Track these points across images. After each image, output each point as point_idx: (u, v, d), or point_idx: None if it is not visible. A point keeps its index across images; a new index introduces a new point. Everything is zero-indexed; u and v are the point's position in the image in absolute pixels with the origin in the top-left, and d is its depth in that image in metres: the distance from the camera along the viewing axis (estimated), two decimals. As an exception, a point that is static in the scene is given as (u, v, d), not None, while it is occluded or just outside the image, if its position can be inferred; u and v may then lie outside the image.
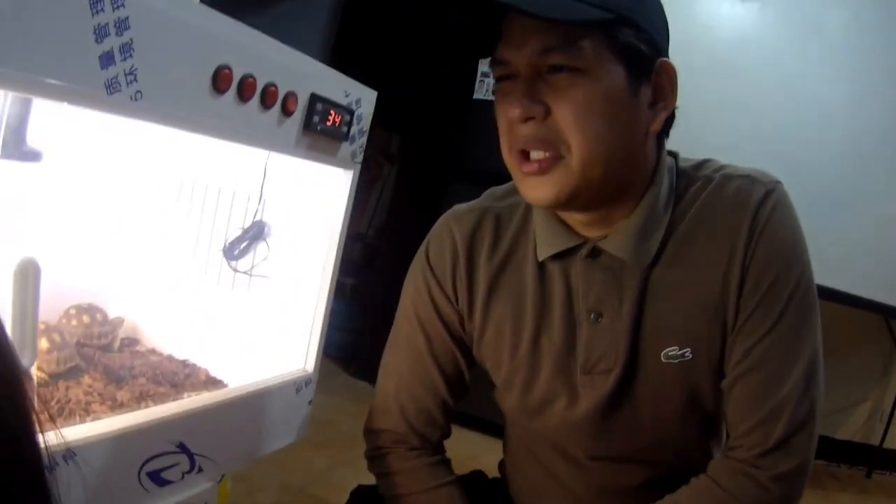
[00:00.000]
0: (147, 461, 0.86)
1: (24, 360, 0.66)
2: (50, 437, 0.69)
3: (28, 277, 0.65)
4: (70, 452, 0.72)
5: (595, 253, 0.83)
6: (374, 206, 3.75)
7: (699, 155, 0.88)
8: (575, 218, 0.83)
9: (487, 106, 2.94)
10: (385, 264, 3.33)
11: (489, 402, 0.99)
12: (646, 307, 0.82)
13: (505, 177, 0.84)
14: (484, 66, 2.68)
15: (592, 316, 0.84)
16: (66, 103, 0.67)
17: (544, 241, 0.85)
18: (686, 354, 0.81)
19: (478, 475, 1.11)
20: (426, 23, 3.03)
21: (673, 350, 0.82)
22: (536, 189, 0.76)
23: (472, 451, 1.78)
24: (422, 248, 0.95)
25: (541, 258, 0.85)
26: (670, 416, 0.85)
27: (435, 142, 3.03)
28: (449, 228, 0.92)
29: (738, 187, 0.81)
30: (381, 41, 2.94)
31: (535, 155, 0.74)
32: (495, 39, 0.75)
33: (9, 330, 0.64)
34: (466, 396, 0.99)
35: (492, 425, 1.92)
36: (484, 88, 2.75)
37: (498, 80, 0.77)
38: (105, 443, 0.79)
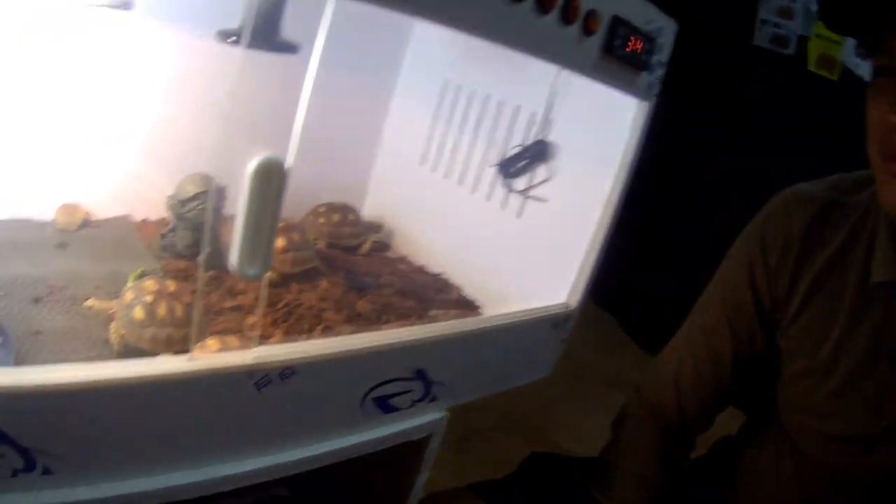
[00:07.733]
0: (377, 386, 0.81)
1: (250, 271, 0.61)
2: (267, 352, 0.65)
3: (271, 180, 0.59)
4: (288, 371, 0.67)
5: None
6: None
7: None
8: None
9: (766, 55, 2.47)
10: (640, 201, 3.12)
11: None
12: None
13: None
14: (765, 12, 2.44)
15: (894, 354, 0.81)
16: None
17: (883, 264, 0.82)
18: None
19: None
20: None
21: None
22: None
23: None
24: (759, 218, 0.95)
25: (875, 279, 0.83)
26: None
27: (711, 87, 2.72)
28: (790, 211, 0.91)
29: None
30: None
31: None
32: (878, 21, 0.71)
33: (238, 237, 0.59)
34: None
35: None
36: (763, 35, 2.43)
37: (876, 70, 0.74)
38: (332, 363, 0.74)
